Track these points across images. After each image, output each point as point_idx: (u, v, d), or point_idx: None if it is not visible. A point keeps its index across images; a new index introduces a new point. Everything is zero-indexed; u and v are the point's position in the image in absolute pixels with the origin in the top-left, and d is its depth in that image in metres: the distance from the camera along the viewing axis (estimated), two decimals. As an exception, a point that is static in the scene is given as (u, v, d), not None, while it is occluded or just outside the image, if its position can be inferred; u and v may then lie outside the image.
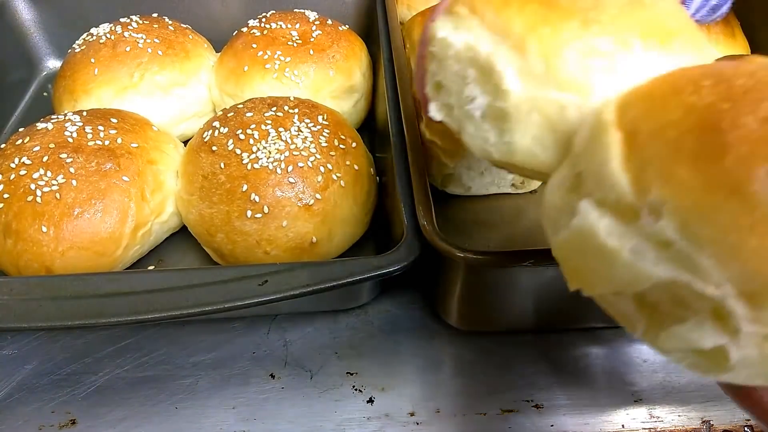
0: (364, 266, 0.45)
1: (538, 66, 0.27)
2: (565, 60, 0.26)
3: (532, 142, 0.29)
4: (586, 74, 0.26)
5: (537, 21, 0.27)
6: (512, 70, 0.28)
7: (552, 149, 0.28)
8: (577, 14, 0.27)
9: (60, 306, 0.43)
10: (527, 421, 0.49)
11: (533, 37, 0.27)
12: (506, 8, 0.28)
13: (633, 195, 0.22)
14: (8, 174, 0.54)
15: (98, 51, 0.68)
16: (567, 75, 0.26)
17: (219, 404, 0.49)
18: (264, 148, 0.55)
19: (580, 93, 0.26)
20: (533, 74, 0.27)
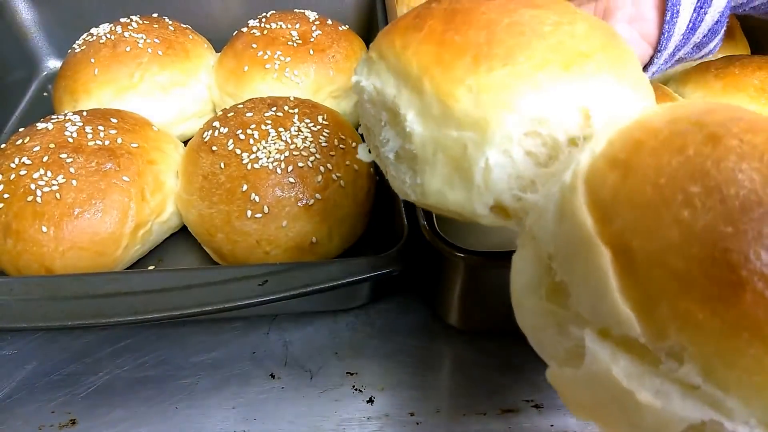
0: (364, 266, 0.45)
1: (434, 107, 0.26)
2: (457, 99, 0.26)
3: (442, 183, 0.28)
4: (481, 110, 0.25)
5: (431, 61, 0.27)
6: (413, 113, 0.28)
7: (460, 189, 0.27)
8: (469, 51, 0.26)
9: (60, 306, 0.43)
10: (527, 421, 0.49)
11: (427, 78, 0.27)
12: (405, 51, 0.28)
13: (647, 337, 0.20)
14: (8, 174, 0.54)
15: (98, 51, 0.68)
16: (462, 113, 0.26)
17: (219, 404, 0.49)
18: (264, 148, 0.55)
19: (478, 130, 0.26)
20: (432, 115, 0.27)
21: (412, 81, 0.27)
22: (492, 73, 0.25)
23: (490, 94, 0.25)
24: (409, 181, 0.30)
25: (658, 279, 0.20)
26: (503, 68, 0.25)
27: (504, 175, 0.26)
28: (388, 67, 0.29)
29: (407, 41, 0.28)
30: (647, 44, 0.41)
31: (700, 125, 0.22)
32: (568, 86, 0.25)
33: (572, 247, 0.23)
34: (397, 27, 0.30)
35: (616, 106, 0.26)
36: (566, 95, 0.25)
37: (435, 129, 0.27)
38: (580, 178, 0.23)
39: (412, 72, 0.27)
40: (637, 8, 0.40)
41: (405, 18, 0.30)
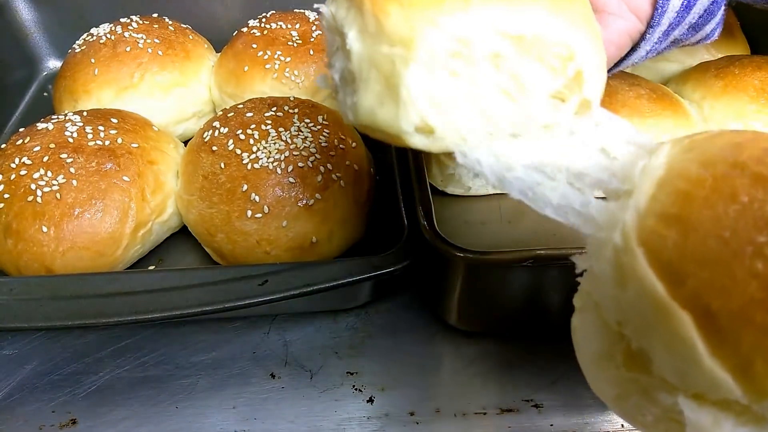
0: (364, 266, 0.45)
1: (371, 23, 0.27)
2: (388, 13, 0.26)
3: (373, 100, 0.29)
4: (409, 26, 0.26)
5: None
6: (354, 31, 0.28)
7: (389, 106, 0.28)
8: None
9: (60, 306, 0.43)
10: (527, 420, 0.49)
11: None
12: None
13: (748, 397, 0.20)
14: (9, 174, 0.54)
15: (98, 51, 0.68)
16: (392, 28, 0.26)
17: (219, 404, 0.50)
18: (264, 148, 0.55)
19: (404, 46, 0.26)
20: (369, 32, 0.28)
21: (357, 1, 0.28)
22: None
23: (418, 9, 0.26)
24: (349, 103, 0.31)
25: (748, 337, 0.20)
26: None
27: (428, 92, 0.27)
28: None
29: None
30: (636, 18, 0.39)
31: (740, 167, 0.21)
32: (495, 10, 0.26)
33: (646, 314, 0.22)
34: None
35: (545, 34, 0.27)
36: (491, 18, 0.26)
37: (370, 46, 0.28)
38: (634, 239, 0.22)
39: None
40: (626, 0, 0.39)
41: None
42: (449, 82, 0.27)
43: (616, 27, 0.39)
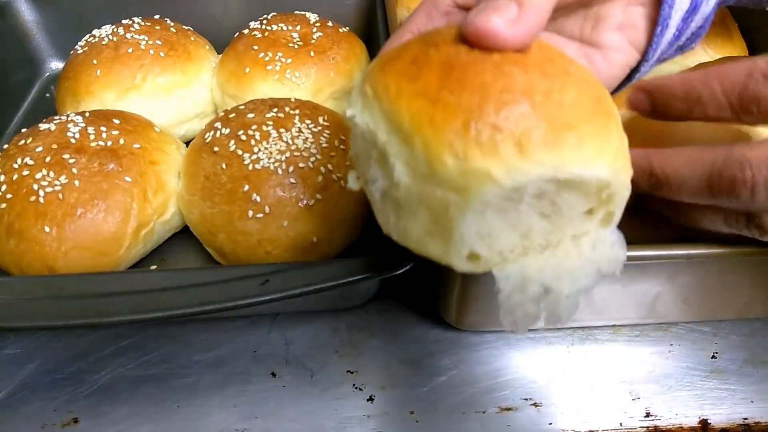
0: (365, 266, 0.45)
1: (422, 164, 0.27)
2: (444, 163, 0.26)
3: (422, 233, 0.29)
4: (465, 179, 0.26)
5: (423, 120, 0.27)
6: (401, 163, 0.28)
7: (440, 241, 0.29)
8: (461, 115, 0.26)
9: (62, 305, 0.43)
10: (526, 419, 0.49)
11: (418, 137, 0.27)
12: (398, 100, 0.28)
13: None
14: (11, 174, 0.54)
15: (100, 52, 0.68)
16: (447, 177, 0.26)
17: (220, 403, 0.50)
18: (265, 148, 0.55)
19: (460, 194, 0.27)
20: (419, 171, 0.28)
21: (403, 134, 0.28)
22: (479, 142, 0.26)
23: (475, 163, 0.26)
24: (392, 221, 0.32)
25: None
26: (489, 138, 0.26)
27: (477, 230, 0.28)
28: (381, 111, 0.29)
29: (401, 89, 0.29)
30: (635, 50, 0.41)
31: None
32: (548, 165, 0.26)
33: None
34: (394, 69, 0.30)
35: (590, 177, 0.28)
36: (544, 172, 0.26)
37: (421, 184, 0.28)
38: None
39: (403, 125, 0.28)
40: (627, 17, 0.40)
41: (401, 59, 0.30)
42: (496, 217, 0.29)
43: (618, 61, 0.41)
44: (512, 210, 0.29)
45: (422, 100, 0.27)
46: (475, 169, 0.26)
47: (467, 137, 0.26)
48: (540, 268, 0.30)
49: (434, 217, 0.28)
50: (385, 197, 0.32)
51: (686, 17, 0.39)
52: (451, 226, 0.28)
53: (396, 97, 0.29)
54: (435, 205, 0.28)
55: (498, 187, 0.26)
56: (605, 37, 0.40)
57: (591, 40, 0.41)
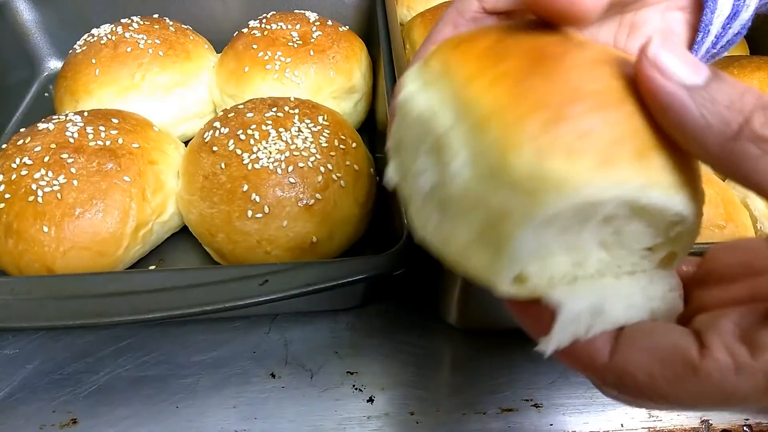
0: (364, 266, 0.45)
1: (492, 156, 0.23)
2: (520, 156, 0.22)
3: (469, 240, 0.25)
4: (541, 181, 0.22)
5: (507, 104, 0.23)
6: (466, 154, 0.24)
7: (487, 253, 0.24)
8: (551, 108, 0.23)
9: (61, 306, 0.43)
10: (526, 420, 0.49)
11: (496, 122, 0.23)
12: (479, 79, 0.24)
13: None
14: (9, 174, 0.54)
15: (99, 51, 0.68)
16: (519, 175, 0.22)
17: (219, 403, 0.50)
18: (264, 148, 0.55)
19: (530, 199, 0.22)
20: (486, 164, 0.23)
21: (477, 119, 0.24)
22: (565, 143, 0.22)
23: (557, 161, 0.22)
24: (434, 224, 0.27)
25: None
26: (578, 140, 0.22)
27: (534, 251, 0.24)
28: (452, 89, 0.25)
29: (484, 68, 0.25)
30: None
31: None
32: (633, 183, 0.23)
33: None
34: (471, 50, 0.26)
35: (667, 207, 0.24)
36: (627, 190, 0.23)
37: (483, 181, 0.24)
38: None
39: (480, 108, 0.24)
40: (666, 23, 0.38)
41: (477, 42, 0.26)
42: (556, 238, 0.25)
43: None
44: (574, 233, 0.25)
45: (508, 83, 0.24)
46: (552, 171, 0.22)
47: (552, 134, 0.22)
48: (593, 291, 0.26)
49: (488, 225, 0.24)
50: (430, 195, 0.27)
51: (726, 23, 0.37)
52: (505, 238, 0.23)
53: (475, 77, 0.25)
54: (493, 209, 0.23)
55: (573, 197, 0.22)
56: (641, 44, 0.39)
57: (626, 48, 0.38)
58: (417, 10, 0.84)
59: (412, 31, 0.78)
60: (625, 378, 0.26)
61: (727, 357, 0.23)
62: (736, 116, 0.23)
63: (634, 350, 0.25)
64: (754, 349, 0.23)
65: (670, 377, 0.24)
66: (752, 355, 0.23)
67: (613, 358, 0.26)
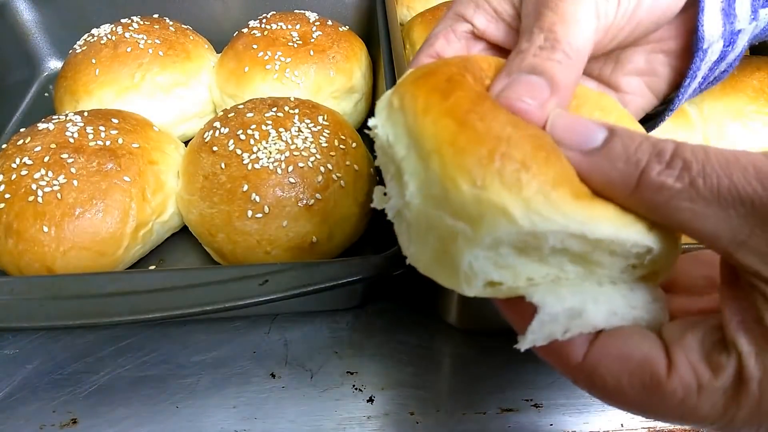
0: (364, 266, 0.45)
1: (436, 186, 0.25)
2: (459, 188, 0.24)
3: (431, 260, 0.27)
4: (479, 209, 0.24)
5: (446, 139, 0.25)
6: (415, 184, 0.27)
7: (448, 270, 0.27)
8: (487, 143, 0.24)
9: (61, 306, 0.43)
10: (527, 420, 0.49)
11: (437, 156, 0.25)
12: (425, 115, 0.26)
13: None
14: (9, 174, 0.54)
15: (99, 52, 0.68)
16: (460, 204, 0.24)
17: (219, 403, 0.50)
18: (264, 148, 0.55)
19: (472, 225, 0.24)
20: (432, 193, 0.26)
21: (423, 151, 0.26)
22: (502, 175, 0.24)
23: (493, 195, 0.24)
24: (405, 243, 0.30)
25: None
26: (514, 173, 0.24)
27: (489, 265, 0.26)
28: (405, 124, 0.27)
29: (430, 104, 0.27)
30: (653, 96, 0.40)
31: None
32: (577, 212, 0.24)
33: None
34: (427, 84, 0.28)
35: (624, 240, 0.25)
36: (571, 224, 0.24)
37: (432, 208, 0.26)
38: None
39: (425, 142, 0.26)
40: (649, 64, 0.39)
41: (436, 75, 0.28)
42: (515, 254, 0.26)
43: (635, 105, 0.40)
44: (534, 251, 0.26)
45: (449, 119, 0.25)
46: (491, 200, 0.24)
47: (490, 167, 0.24)
48: (573, 294, 0.27)
49: (442, 246, 0.26)
50: (399, 216, 0.30)
51: (713, 66, 0.38)
52: (458, 258, 0.25)
53: (423, 112, 0.27)
54: (444, 232, 0.26)
55: (513, 226, 0.24)
56: (624, 80, 0.39)
57: (609, 82, 0.40)
58: (417, 10, 0.84)
59: (412, 31, 0.78)
60: (595, 380, 0.27)
61: (691, 377, 0.24)
62: (632, 170, 0.24)
63: (606, 355, 0.26)
64: (714, 369, 0.24)
65: (637, 387, 0.25)
66: (713, 375, 0.24)
67: (586, 359, 0.27)
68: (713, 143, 0.64)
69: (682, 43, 0.37)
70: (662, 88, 0.40)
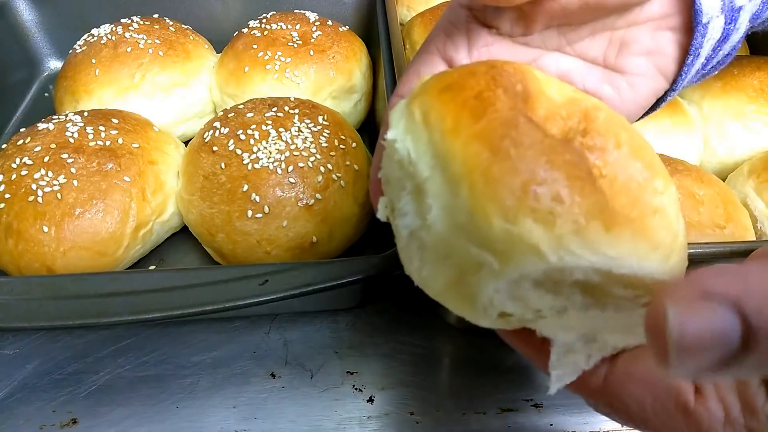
0: (364, 266, 0.45)
1: (463, 215, 0.24)
2: (490, 222, 0.23)
3: (446, 286, 0.26)
4: (509, 246, 0.23)
5: (477, 167, 0.24)
6: (439, 207, 0.25)
7: (463, 300, 0.26)
8: (521, 174, 0.23)
9: (61, 306, 0.43)
10: (527, 420, 0.49)
11: (467, 185, 0.24)
12: (454, 136, 0.25)
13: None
14: (9, 174, 0.54)
15: (99, 52, 0.68)
16: (489, 237, 0.23)
17: (219, 403, 0.50)
18: (264, 148, 0.55)
19: (499, 259, 0.23)
20: (457, 221, 0.24)
21: (450, 176, 0.24)
22: (535, 211, 0.23)
23: (525, 232, 0.23)
24: (416, 265, 0.28)
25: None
26: (548, 208, 0.23)
27: (506, 297, 0.25)
28: (430, 142, 0.26)
29: (460, 125, 0.25)
30: (662, 77, 0.38)
31: None
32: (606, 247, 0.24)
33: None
34: (455, 99, 0.26)
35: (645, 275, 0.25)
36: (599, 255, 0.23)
37: (456, 235, 0.25)
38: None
39: (453, 166, 0.24)
40: (655, 42, 0.37)
41: (465, 90, 0.26)
42: (533, 287, 0.25)
43: (645, 88, 0.38)
44: (552, 284, 0.25)
45: (481, 145, 0.24)
46: (522, 237, 0.23)
47: (524, 201, 0.23)
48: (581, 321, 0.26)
49: (462, 274, 0.25)
50: (412, 236, 0.28)
51: (716, 46, 0.37)
52: (479, 289, 0.25)
53: (451, 133, 0.25)
54: (466, 261, 0.25)
55: (543, 263, 0.23)
56: (631, 62, 0.38)
57: (616, 66, 0.38)
58: (417, 10, 0.84)
59: (412, 31, 0.78)
60: (617, 404, 0.26)
61: (719, 409, 0.23)
62: None
63: (629, 379, 0.25)
64: (746, 408, 0.23)
65: (660, 412, 0.24)
66: (743, 412, 0.23)
67: (607, 380, 0.26)
68: (713, 143, 0.64)
69: (685, 19, 0.36)
70: (671, 68, 0.38)
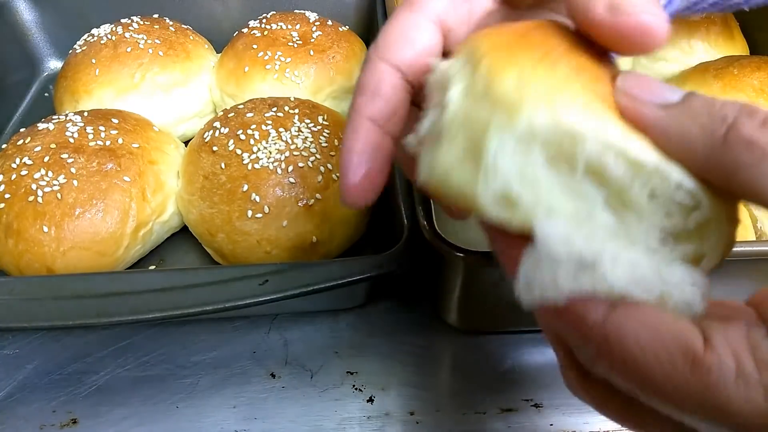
0: (364, 266, 0.45)
1: (480, 83, 0.25)
2: (503, 79, 0.24)
3: (453, 160, 0.26)
4: (520, 96, 0.23)
5: (501, 45, 0.25)
6: (459, 87, 0.26)
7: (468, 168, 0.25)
8: (543, 48, 0.25)
9: (61, 306, 0.43)
10: (527, 420, 0.49)
11: (488, 57, 0.25)
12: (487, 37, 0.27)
13: None
14: (9, 174, 0.54)
15: (99, 51, 0.68)
16: (501, 93, 0.24)
17: (219, 403, 0.50)
18: (264, 148, 0.55)
19: (507, 112, 0.24)
20: (475, 92, 0.25)
21: (475, 58, 0.26)
22: (552, 71, 0.24)
23: (538, 84, 0.23)
24: (426, 159, 0.27)
25: None
26: (565, 72, 0.24)
27: (518, 166, 0.24)
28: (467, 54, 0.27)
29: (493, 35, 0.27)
30: None
31: None
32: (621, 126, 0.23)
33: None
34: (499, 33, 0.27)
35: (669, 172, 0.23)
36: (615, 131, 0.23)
37: (471, 104, 0.25)
38: None
39: (478, 50, 0.26)
40: None
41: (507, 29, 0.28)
42: (546, 167, 0.24)
43: None
44: (566, 173, 0.24)
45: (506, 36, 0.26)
46: (536, 87, 0.23)
47: (542, 62, 0.24)
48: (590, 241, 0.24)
49: (471, 141, 0.25)
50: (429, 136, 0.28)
51: None
52: (484, 147, 0.24)
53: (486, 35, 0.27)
54: (476, 125, 0.25)
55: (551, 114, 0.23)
56: None
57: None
58: (417, 10, 0.84)
59: (412, 31, 0.78)
60: (615, 346, 0.22)
61: (731, 360, 0.21)
62: (718, 126, 0.22)
63: (633, 320, 0.22)
64: (760, 363, 0.21)
65: (665, 360, 0.21)
66: (757, 368, 0.21)
67: (608, 319, 0.23)
68: (713, 143, 0.64)
69: None
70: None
